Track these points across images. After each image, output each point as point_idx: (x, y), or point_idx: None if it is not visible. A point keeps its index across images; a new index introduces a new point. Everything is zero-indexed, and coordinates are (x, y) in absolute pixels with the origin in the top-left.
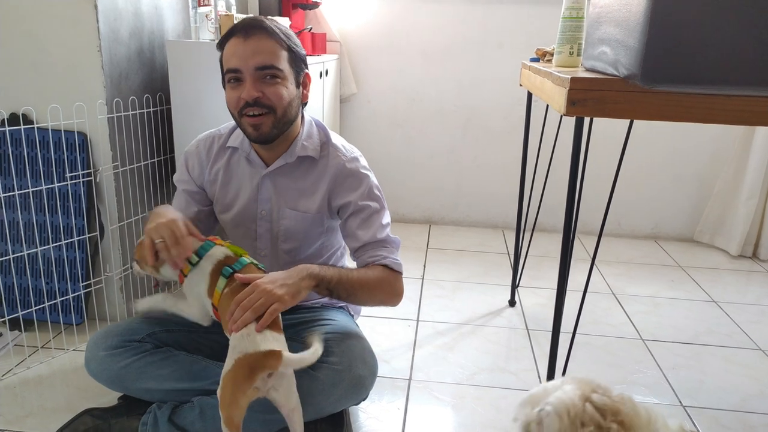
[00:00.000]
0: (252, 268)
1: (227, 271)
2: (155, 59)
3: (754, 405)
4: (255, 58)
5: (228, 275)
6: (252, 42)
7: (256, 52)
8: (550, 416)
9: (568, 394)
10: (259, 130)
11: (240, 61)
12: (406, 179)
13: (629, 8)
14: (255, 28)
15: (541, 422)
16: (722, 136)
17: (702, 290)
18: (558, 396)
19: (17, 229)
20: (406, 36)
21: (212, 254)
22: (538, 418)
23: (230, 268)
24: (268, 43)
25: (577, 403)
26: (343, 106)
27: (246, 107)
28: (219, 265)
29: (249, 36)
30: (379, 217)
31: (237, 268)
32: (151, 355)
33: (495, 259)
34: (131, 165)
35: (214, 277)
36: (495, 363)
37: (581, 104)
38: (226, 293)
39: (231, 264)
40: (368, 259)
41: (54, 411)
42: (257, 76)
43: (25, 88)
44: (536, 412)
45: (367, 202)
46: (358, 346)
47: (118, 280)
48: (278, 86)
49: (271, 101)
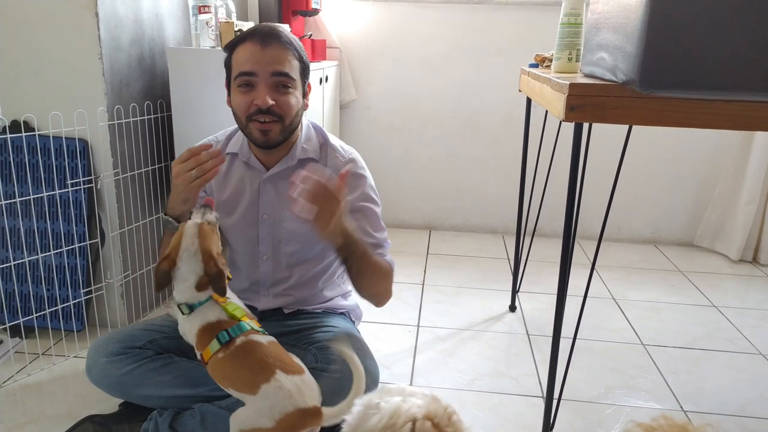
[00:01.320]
0: (254, 335)
1: (224, 337)
2: (156, 66)
3: (755, 410)
4: (273, 65)
5: (225, 342)
6: (270, 50)
7: (273, 59)
8: (376, 413)
9: (405, 407)
10: (267, 136)
11: (257, 65)
12: (405, 185)
13: (627, 14)
14: (273, 37)
15: (368, 411)
16: (721, 141)
17: (702, 295)
18: (397, 402)
19: (18, 236)
20: (406, 42)
21: (203, 313)
22: (372, 407)
23: (227, 334)
24: (284, 52)
25: (402, 419)
26: (342, 112)
27: (258, 113)
28: (209, 327)
29: (267, 44)
30: (374, 218)
31: (234, 334)
32: (152, 362)
33: (495, 264)
34: (132, 172)
35: (203, 336)
36: (495, 368)
37: (580, 110)
38: (221, 357)
39: (227, 328)
40: None
41: (55, 418)
42: (271, 83)
43: (26, 95)
44: (375, 402)
45: (364, 203)
46: (359, 354)
47: (119, 286)
48: (290, 96)
49: (282, 110)
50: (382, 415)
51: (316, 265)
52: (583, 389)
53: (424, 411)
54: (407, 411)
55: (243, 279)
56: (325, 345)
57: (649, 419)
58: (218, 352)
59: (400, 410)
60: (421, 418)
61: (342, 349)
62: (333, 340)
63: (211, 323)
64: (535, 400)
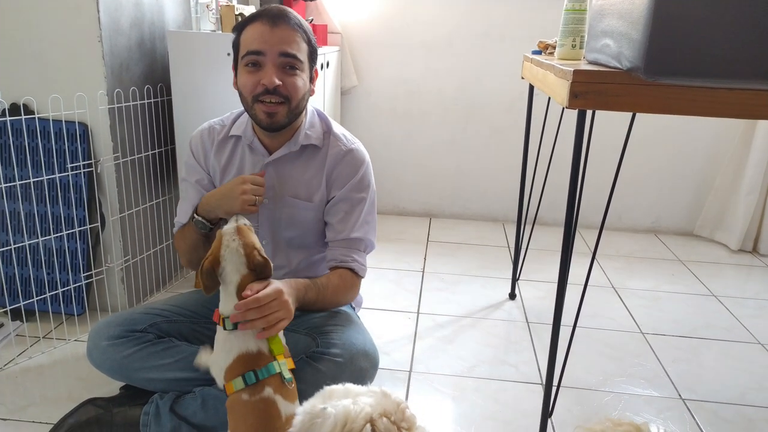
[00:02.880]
0: (276, 379)
1: (251, 379)
2: (156, 50)
3: (753, 398)
4: (281, 45)
5: (250, 383)
6: (279, 30)
7: (282, 39)
8: (326, 420)
9: (357, 408)
10: (273, 118)
11: (265, 45)
12: (406, 172)
13: (633, 1)
14: (282, 18)
15: (315, 420)
16: (723, 131)
17: (702, 284)
18: (346, 405)
19: (18, 220)
20: (408, 28)
21: (246, 340)
22: (317, 414)
23: (254, 376)
24: (293, 33)
25: (358, 422)
26: (344, 98)
27: (264, 94)
28: (247, 358)
29: (276, 24)
30: (362, 209)
31: (262, 376)
32: (153, 345)
33: (495, 252)
34: (132, 156)
35: (237, 367)
36: (495, 355)
37: (583, 97)
38: (243, 400)
39: (257, 370)
40: (339, 257)
41: (55, 401)
42: (279, 63)
43: (25, 78)
44: (320, 408)
45: (356, 193)
46: (359, 339)
47: (119, 270)
48: (297, 77)
49: (289, 91)
50: (335, 420)
51: (315, 253)
52: (582, 377)
53: (379, 409)
54: (360, 412)
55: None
56: (325, 330)
57: (594, 423)
58: (243, 392)
59: (353, 412)
60: (378, 417)
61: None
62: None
63: (251, 354)
64: (534, 387)
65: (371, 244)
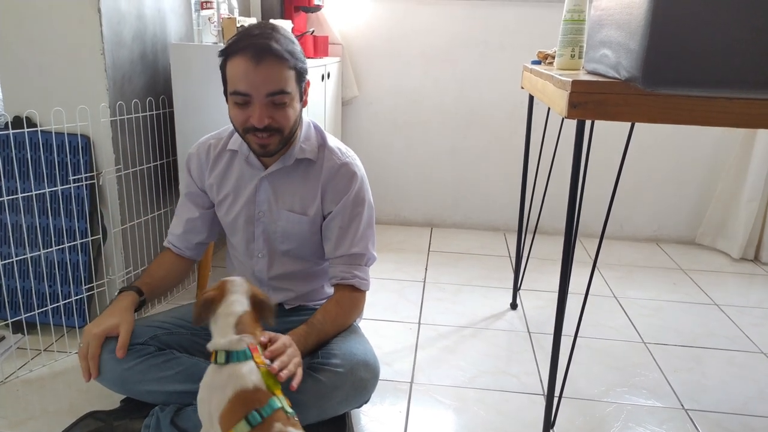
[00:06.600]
0: (281, 414)
1: (255, 419)
2: (158, 62)
3: (756, 408)
4: (267, 85)
5: (255, 424)
6: (263, 69)
7: (267, 79)
8: None
9: None
10: (266, 148)
11: (250, 87)
12: (407, 181)
13: (631, 11)
14: (266, 53)
15: None
16: (723, 139)
17: (704, 293)
18: None
19: (20, 232)
20: (408, 38)
21: (240, 375)
22: None
23: (258, 415)
24: (278, 68)
25: None
26: (344, 108)
27: (255, 130)
28: (243, 396)
29: (260, 62)
30: (359, 224)
31: (266, 414)
32: (153, 358)
33: (496, 261)
34: (134, 168)
35: (234, 409)
36: (496, 366)
37: (582, 107)
38: None
39: (260, 408)
40: (340, 274)
41: (56, 414)
42: (266, 102)
43: (28, 91)
44: None
45: (352, 208)
46: (360, 349)
47: (121, 283)
48: (286, 109)
49: (280, 124)
50: None
51: (312, 266)
52: (584, 387)
53: None
54: None
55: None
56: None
57: None
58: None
59: None
60: None
61: None
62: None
63: (247, 391)
64: (536, 398)
65: (372, 257)
